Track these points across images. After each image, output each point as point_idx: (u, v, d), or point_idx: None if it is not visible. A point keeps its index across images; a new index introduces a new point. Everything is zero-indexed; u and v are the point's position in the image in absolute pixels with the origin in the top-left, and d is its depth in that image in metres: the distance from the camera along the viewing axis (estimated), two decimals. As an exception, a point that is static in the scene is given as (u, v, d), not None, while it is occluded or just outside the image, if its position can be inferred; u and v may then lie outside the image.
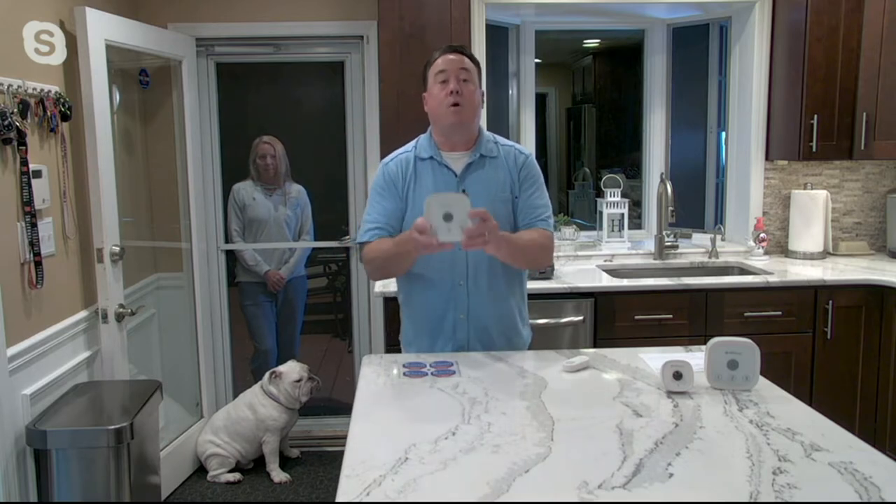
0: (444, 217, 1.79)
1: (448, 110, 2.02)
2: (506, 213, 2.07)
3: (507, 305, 2.15)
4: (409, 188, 2.10)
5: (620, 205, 3.73)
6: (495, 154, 2.11)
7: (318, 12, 3.54)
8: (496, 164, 2.10)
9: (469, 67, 2.05)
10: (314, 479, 3.43)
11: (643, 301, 3.05)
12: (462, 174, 2.07)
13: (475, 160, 2.08)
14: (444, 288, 2.09)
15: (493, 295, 2.10)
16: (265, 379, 3.41)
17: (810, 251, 3.58)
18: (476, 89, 2.06)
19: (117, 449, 2.35)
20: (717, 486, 1.27)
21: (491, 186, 2.07)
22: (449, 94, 2.01)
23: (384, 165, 2.16)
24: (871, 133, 3.31)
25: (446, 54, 2.06)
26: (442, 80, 2.03)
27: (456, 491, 1.25)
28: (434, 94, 2.05)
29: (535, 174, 2.13)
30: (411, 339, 2.20)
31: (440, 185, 2.07)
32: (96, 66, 2.74)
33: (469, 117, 2.04)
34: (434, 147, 2.11)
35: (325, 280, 4.51)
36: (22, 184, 2.38)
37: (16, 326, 2.35)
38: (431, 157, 2.10)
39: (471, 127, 2.08)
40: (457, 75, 2.02)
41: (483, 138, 2.12)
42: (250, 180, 3.82)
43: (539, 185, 2.13)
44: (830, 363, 3.13)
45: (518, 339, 2.19)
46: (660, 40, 3.89)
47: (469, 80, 2.03)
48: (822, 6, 3.27)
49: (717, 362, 1.74)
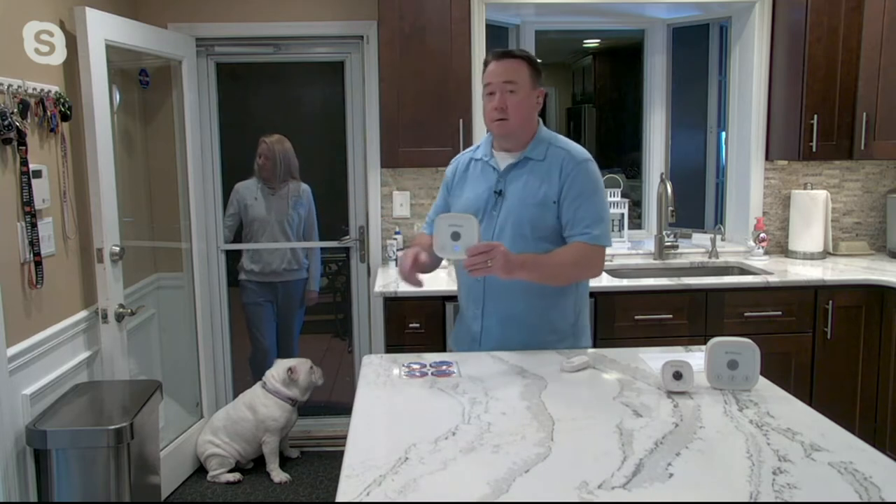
0: (451, 235, 1.84)
1: (494, 124, 2.06)
2: (537, 218, 2.04)
3: (535, 313, 2.10)
4: (459, 186, 2.19)
5: (620, 205, 3.73)
6: (542, 157, 2.07)
7: (318, 12, 3.54)
8: (540, 167, 2.07)
9: (515, 77, 2.02)
10: (314, 479, 3.43)
11: (643, 301, 3.05)
12: (502, 173, 2.10)
13: (519, 161, 2.09)
14: (466, 283, 2.17)
15: (511, 293, 2.06)
16: (271, 380, 3.39)
17: (810, 251, 3.58)
18: (525, 97, 2.04)
19: (117, 449, 2.35)
20: (717, 486, 1.27)
21: (525, 189, 2.06)
22: (494, 110, 2.03)
23: (449, 166, 2.29)
24: (871, 133, 3.31)
25: (495, 61, 2.06)
26: (489, 91, 2.06)
27: (456, 491, 1.25)
28: (484, 104, 2.10)
29: (581, 183, 2.03)
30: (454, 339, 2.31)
31: (480, 182, 2.13)
32: (96, 66, 2.74)
33: (514, 129, 2.06)
34: (489, 148, 2.16)
35: (325, 280, 4.51)
36: (22, 184, 2.38)
37: (16, 326, 2.35)
38: (483, 157, 2.16)
39: (520, 134, 2.09)
40: (502, 89, 2.02)
41: (536, 140, 2.10)
42: (254, 178, 3.83)
43: (587, 193, 2.03)
44: (830, 363, 3.13)
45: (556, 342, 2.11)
46: (660, 40, 3.89)
47: (515, 91, 2.02)
48: (822, 6, 3.27)
49: (717, 362, 1.74)
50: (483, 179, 2.13)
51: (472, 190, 2.14)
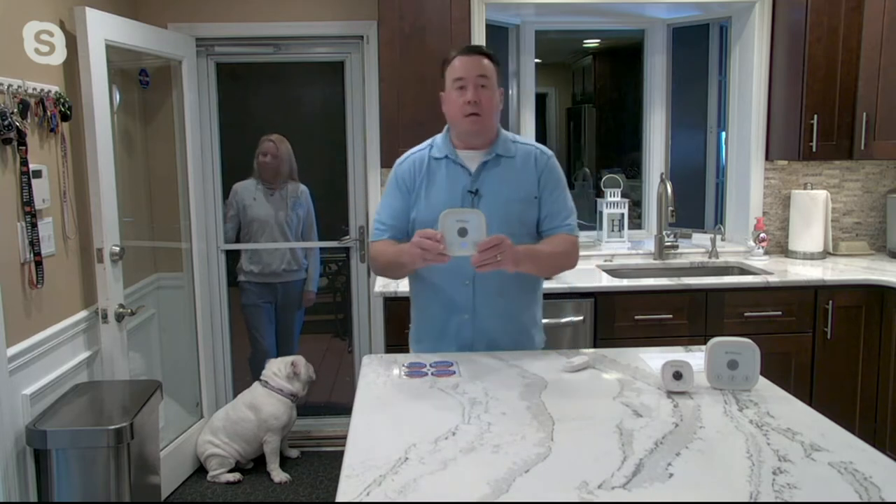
0: (458, 231, 1.79)
1: (465, 119, 2.00)
2: (522, 214, 2.04)
3: (516, 307, 2.12)
4: (421, 187, 2.07)
5: (620, 205, 3.73)
6: (513, 154, 2.07)
7: (318, 12, 3.54)
8: (513, 164, 2.06)
9: (487, 72, 2.00)
10: (314, 479, 3.43)
11: (643, 301, 3.05)
12: (476, 173, 2.05)
13: (491, 159, 2.05)
14: (450, 287, 2.07)
15: (501, 296, 2.07)
16: (274, 378, 3.40)
17: (810, 251, 3.58)
18: (494, 93, 2.03)
19: (117, 449, 2.35)
20: (717, 486, 1.27)
21: (506, 186, 2.04)
22: (467, 104, 1.98)
23: (397, 166, 2.14)
24: (871, 133, 3.31)
25: (464, 56, 2.02)
26: (459, 86, 1.99)
27: (456, 491, 1.25)
28: (452, 99, 2.02)
29: (556, 176, 2.09)
30: (418, 337, 2.20)
31: (453, 183, 2.05)
32: (96, 66, 2.74)
33: (487, 124, 2.03)
34: (450, 146, 2.08)
35: (326, 280, 4.51)
36: (22, 184, 2.38)
37: (16, 326, 2.35)
38: (446, 156, 2.08)
39: (489, 130, 2.06)
40: (475, 83, 1.98)
41: (501, 138, 2.09)
42: (252, 179, 3.83)
43: (562, 186, 2.09)
44: (830, 363, 3.13)
45: (528, 343, 2.14)
46: (660, 40, 3.89)
47: (487, 86, 2.00)
48: (822, 6, 3.27)
49: (717, 362, 1.74)
50: (452, 179, 2.05)
51: (442, 191, 2.05)
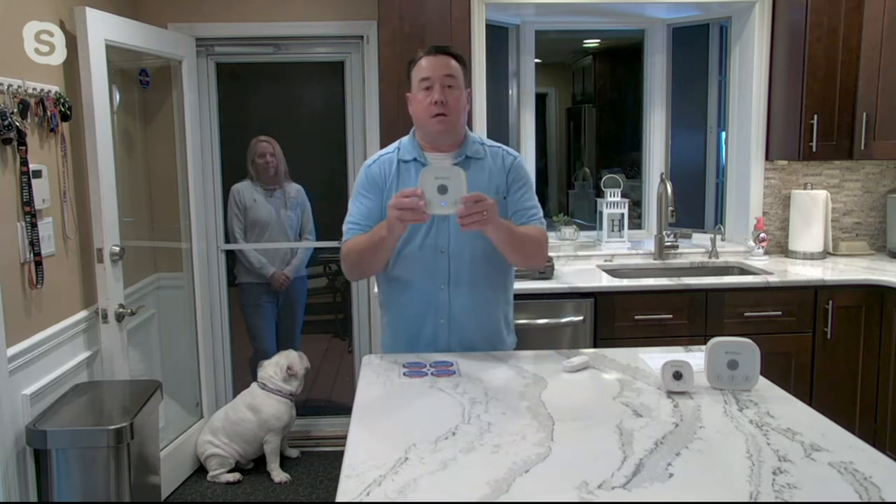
0: (438, 189, 1.74)
1: (432, 120, 1.97)
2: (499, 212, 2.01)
3: (491, 311, 2.11)
4: (392, 189, 2.02)
5: (620, 205, 3.73)
6: (481, 156, 2.06)
7: (318, 12, 3.54)
8: (482, 165, 2.05)
9: (454, 72, 1.98)
10: (314, 479, 3.43)
11: (643, 301, 3.05)
12: None
13: (460, 161, 2.03)
14: (424, 292, 2.03)
15: (476, 300, 2.05)
16: (271, 381, 3.39)
17: (810, 251, 3.58)
18: (462, 94, 2.01)
19: (117, 449, 2.35)
20: (717, 486, 1.26)
21: (476, 188, 1.99)
22: (433, 104, 1.95)
23: (366, 167, 2.11)
24: (871, 133, 3.31)
25: (430, 56, 1.99)
26: (426, 86, 1.97)
27: (456, 491, 1.25)
28: (419, 99, 1.99)
29: (524, 176, 2.09)
30: (390, 344, 2.15)
31: None
32: (96, 66, 2.74)
33: (454, 125, 2.01)
34: (418, 148, 2.06)
35: (326, 280, 4.51)
36: (22, 184, 2.38)
37: (16, 326, 2.35)
38: (415, 158, 2.05)
39: (457, 131, 2.05)
40: (441, 83, 1.96)
41: (469, 140, 2.07)
42: (249, 181, 3.82)
43: (529, 186, 2.10)
44: (830, 363, 3.13)
45: (501, 346, 2.14)
46: (660, 40, 3.89)
47: (454, 86, 1.98)
48: (822, 6, 3.27)
49: (717, 362, 1.74)
50: None
51: None
